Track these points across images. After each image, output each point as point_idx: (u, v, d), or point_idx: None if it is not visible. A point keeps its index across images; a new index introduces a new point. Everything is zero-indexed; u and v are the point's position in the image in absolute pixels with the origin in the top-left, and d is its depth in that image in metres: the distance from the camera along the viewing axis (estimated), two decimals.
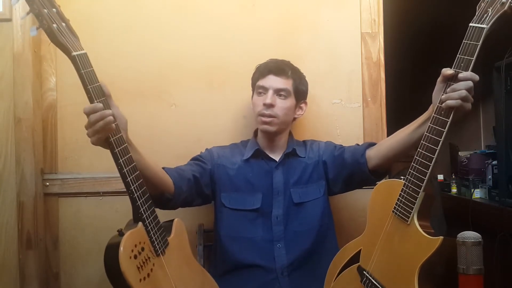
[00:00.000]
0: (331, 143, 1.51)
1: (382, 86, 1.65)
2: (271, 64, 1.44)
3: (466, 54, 0.99)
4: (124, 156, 1.01)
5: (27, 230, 1.53)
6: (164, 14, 1.63)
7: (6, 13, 1.53)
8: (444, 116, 1.02)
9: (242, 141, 1.54)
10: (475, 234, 1.03)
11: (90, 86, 0.96)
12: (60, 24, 0.94)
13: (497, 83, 1.91)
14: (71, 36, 0.96)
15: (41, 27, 0.92)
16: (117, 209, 1.61)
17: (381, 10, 1.66)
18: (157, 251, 1.06)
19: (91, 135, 1.00)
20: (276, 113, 1.39)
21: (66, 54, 0.95)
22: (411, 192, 1.07)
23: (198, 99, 1.64)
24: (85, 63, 0.96)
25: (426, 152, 1.04)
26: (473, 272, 1.02)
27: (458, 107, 1.00)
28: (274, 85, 1.40)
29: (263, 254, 1.37)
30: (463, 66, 0.99)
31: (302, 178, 1.43)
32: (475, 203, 2.15)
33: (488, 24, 0.96)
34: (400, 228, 1.10)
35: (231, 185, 1.42)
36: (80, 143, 1.61)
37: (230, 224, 1.41)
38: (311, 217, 1.41)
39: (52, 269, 1.59)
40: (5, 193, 1.54)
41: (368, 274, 1.17)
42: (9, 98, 1.54)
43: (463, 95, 0.99)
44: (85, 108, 0.98)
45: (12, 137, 1.54)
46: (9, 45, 1.54)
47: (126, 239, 0.97)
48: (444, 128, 1.01)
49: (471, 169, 2.30)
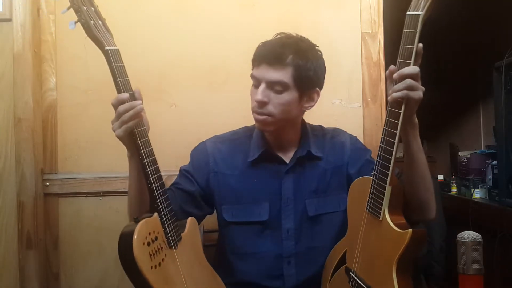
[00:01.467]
0: (359, 148, 1.30)
1: (382, 86, 1.65)
2: (268, 46, 1.17)
3: (407, 44, 0.96)
4: (145, 148, 1.04)
5: (27, 230, 1.53)
6: (164, 14, 1.63)
7: (6, 13, 1.53)
8: (396, 109, 0.98)
9: (246, 127, 1.32)
10: (475, 234, 1.03)
11: (119, 79, 1.01)
12: (97, 21, 1.01)
13: (497, 83, 1.92)
14: (106, 32, 1.03)
15: (79, 21, 0.99)
16: (117, 209, 1.61)
17: (381, 10, 1.66)
18: (170, 243, 1.06)
19: (118, 127, 1.01)
20: (270, 111, 1.14)
21: (100, 48, 1.01)
22: (378, 188, 1.05)
23: (198, 99, 1.64)
24: (117, 58, 1.02)
25: (386, 146, 1.02)
26: (473, 272, 1.02)
27: (405, 97, 0.93)
28: (266, 77, 1.14)
29: (270, 272, 1.22)
30: (406, 56, 0.96)
31: (319, 187, 1.23)
32: (475, 203, 2.15)
33: (423, 10, 0.94)
34: (375, 225, 1.08)
35: (233, 196, 1.23)
36: (80, 143, 1.62)
37: (234, 240, 1.24)
38: (327, 232, 1.24)
39: (52, 269, 1.59)
40: (5, 193, 1.54)
41: (354, 274, 1.15)
42: (9, 98, 1.54)
43: (408, 84, 0.93)
44: (112, 100, 1.01)
45: (12, 137, 1.54)
46: (9, 45, 1.53)
47: (140, 225, 0.98)
48: (398, 120, 0.97)
49: (471, 169, 2.30)
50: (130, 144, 1.05)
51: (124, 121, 1.00)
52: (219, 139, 1.30)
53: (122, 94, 1.00)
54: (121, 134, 1.01)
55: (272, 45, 1.17)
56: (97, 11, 1.03)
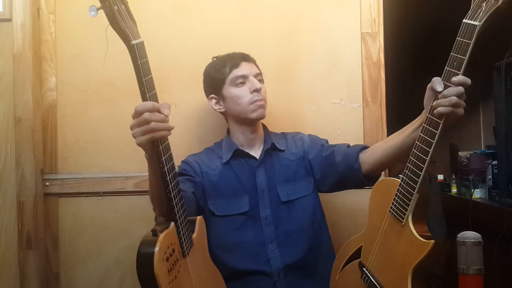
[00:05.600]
0: (315, 138, 1.46)
1: (382, 86, 1.65)
2: (236, 55, 1.40)
3: (459, 53, 0.95)
4: (166, 153, 0.98)
5: (27, 230, 1.53)
6: (164, 14, 1.63)
7: (6, 13, 1.53)
8: (438, 118, 1.00)
9: (215, 143, 1.49)
10: (475, 234, 1.03)
11: (144, 79, 0.92)
12: (120, 6, 0.88)
13: (497, 83, 1.91)
14: (130, 21, 0.90)
15: (102, 8, 0.85)
16: (117, 209, 1.61)
17: (381, 10, 1.66)
18: (184, 252, 1.04)
19: (140, 135, 0.94)
20: (264, 97, 1.37)
21: (124, 42, 0.90)
22: (405, 193, 1.06)
23: (198, 99, 1.64)
24: (142, 53, 0.91)
25: (419, 153, 1.03)
26: (473, 272, 1.02)
27: (449, 113, 0.98)
28: (252, 71, 1.37)
29: (257, 258, 1.33)
30: (456, 65, 0.96)
31: (289, 175, 1.39)
32: (475, 203, 2.15)
33: (481, 21, 0.91)
34: (396, 228, 1.10)
35: (216, 191, 1.36)
36: (80, 143, 1.62)
37: (220, 233, 1.34)
38: (301, 215, 1.37)
39: (52, 269, 1.59)
40: (5, 193, 1.54)
41: (367, 271, 1.17)
42: (9, 98, 1.54)
43: (453, 102, 0.97)
44: (138, 105, 0.93)
45: (12, 137, 1.54)
46: (9, 45, 1.53)
47: (161, 243, 0.93)
48: (436, 130, 0.99)
49: (471, 169, 2.30)
50: (150, 150, 0.99)
51: (149, 130, 0.93)
52: (196, 155, 1.45)
53: (151, 102, 0.93)
54: (143, 143, 0.95)
55: (232, 53, 1.42)
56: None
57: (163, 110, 0.95)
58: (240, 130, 1.41)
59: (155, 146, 0.96)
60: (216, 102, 1.42)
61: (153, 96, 0.95)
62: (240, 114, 1.38)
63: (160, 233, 0.95)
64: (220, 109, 1.42)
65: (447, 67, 0.98)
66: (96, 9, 0.84)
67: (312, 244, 1.36)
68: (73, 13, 1.62)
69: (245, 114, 1.36)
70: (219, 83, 1.38)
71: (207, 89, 1.45)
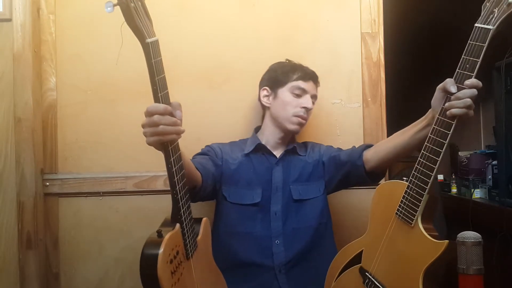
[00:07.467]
0: (331, 146, 1.52)
1: (382, 86, 1.65)
2: (308, 70, 1.47)
3: (471, 56, 0.97)
4: (175, 154, 0.98)
5: (27, 230, 1.53)
6: (164, 14, 1.63)
7: (6, 13, 1.53)
8: (450, 120, 1.02)
9: (241, 139, 1.54)
10: (475, 234, 1.03)
11: (157, 78, 0.91)
12: (137, 3, 0.86)
13: (497, 83, 1.91)
14: (145, 18, 0.89)
15: (118, 4, 0.83)
16: (117, 209, 1.61)
17: (381, 10, 1.66)
18: (188, 254, 1.04)
19: (151, 135, 0.94)
20: (307, 117, 1.44)
21: (140, 40, 0.89)
22: (415, 195, 1.06)
23: (198, 99, 1.64)
24: (156, 52, 0.90)
25: (430, 154, 1.03)
26: (473, 272, 1.02)
27: (463, 115, 1.01)
28: (312, 92, 1.44)
29: (261, 250, 1.36)
30: (468, 68, 0.98)
31: (303, 176, 1.44)
32: (475, 203, 2.15)
33: (494, 25, 0.95)
34: (404, 231, 1.10)
35: (232, 179, 1.42)
36: (80, 143, 1.62)
37: (229, 219, 1.40)
38: (310, 215, 1.41)
39: (52, 269, 1.59)
40: (5, 193, 1.54)
41: (371, 275, 1.17)
42: (9, 98, 1.54)
43: (468, 104, 1.00)
44: (150, 106, 0.93)
45: (12, 137, 1.54)
46: (9, 45, 1.53)
47: (165, 245, 0.93)
48: (449, 131, 1.01)
49: (471, 169, 2.30)
50: (160, 150, 0.99)
51: (158, 133, 0.94)
52: (219, 143, 1.50)
53: (163, 105, 0.93)
54: (152, 143, 0.96)
55: (306, 67, 1.47)
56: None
57: (175, 113, 0.96)
58: (272, 130, 1.47)
59: (164, 146, 0.96)
60: (267, 95, 1.47)
61: (165, 96, 0.94)
62: (279, 118, 1.44)
63: (165, 234, 0.95)
64: (266, 103, 1.47)
65: (458, 69, 1.00)
66: (112, 5, 0.82)
67: (317, 244, 1.40)
68: (73, 13, 1.62)
69: (284, 121, 1.43)
70: (279, 82, 1.44)
71: (266, 81, 1.49)
